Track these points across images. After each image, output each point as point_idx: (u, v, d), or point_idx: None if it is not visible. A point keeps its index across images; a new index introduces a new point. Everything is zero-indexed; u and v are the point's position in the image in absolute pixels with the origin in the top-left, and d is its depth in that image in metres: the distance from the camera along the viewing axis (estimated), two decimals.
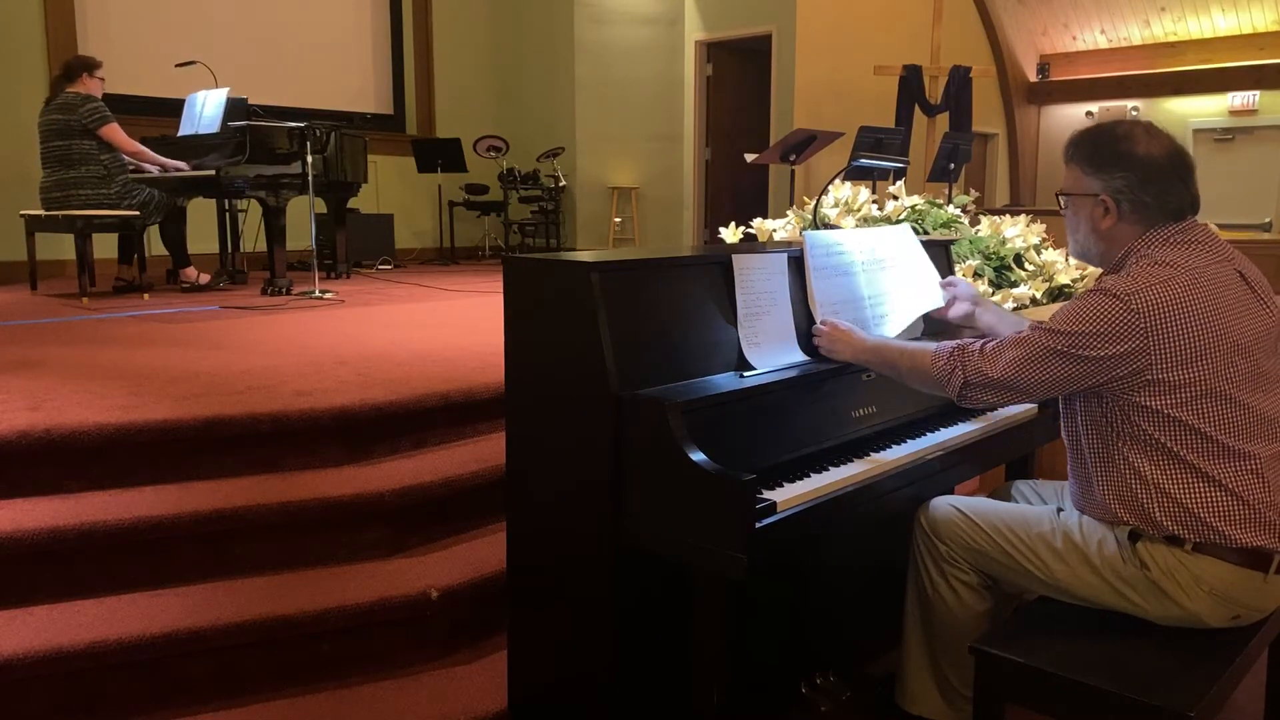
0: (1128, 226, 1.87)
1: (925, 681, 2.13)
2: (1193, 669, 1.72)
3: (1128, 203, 1.86)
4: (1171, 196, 1.85)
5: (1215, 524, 1.78)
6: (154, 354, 3.64)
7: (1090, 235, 1.93)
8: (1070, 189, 1.94)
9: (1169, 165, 1.85)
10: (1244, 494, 1.78)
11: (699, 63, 9.16)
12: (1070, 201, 1.95)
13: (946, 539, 2.05)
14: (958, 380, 1.90)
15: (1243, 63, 9.84)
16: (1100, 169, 1.87)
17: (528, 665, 2.10)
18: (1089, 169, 1.89)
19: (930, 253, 2.68)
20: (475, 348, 3.74)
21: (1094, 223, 1.91)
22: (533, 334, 1.94)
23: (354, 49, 9.01)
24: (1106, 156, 1.87)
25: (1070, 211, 1.96)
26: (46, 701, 2.09)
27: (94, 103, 5.47)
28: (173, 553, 2.37)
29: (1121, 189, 1.85)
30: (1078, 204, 1.93)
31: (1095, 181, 1.88)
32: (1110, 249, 1.92)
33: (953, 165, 6.44)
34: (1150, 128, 1.88)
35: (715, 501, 1.64)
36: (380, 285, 6.60)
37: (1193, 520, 1.79)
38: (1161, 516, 1.81)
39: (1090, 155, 1.89)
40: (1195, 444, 1.78)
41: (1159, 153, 1.85)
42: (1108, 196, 1.87)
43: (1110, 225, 1.89)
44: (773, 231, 4.83)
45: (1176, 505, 1.80)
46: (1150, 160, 1.84)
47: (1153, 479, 1.81)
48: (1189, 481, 1.79)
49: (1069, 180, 1.95)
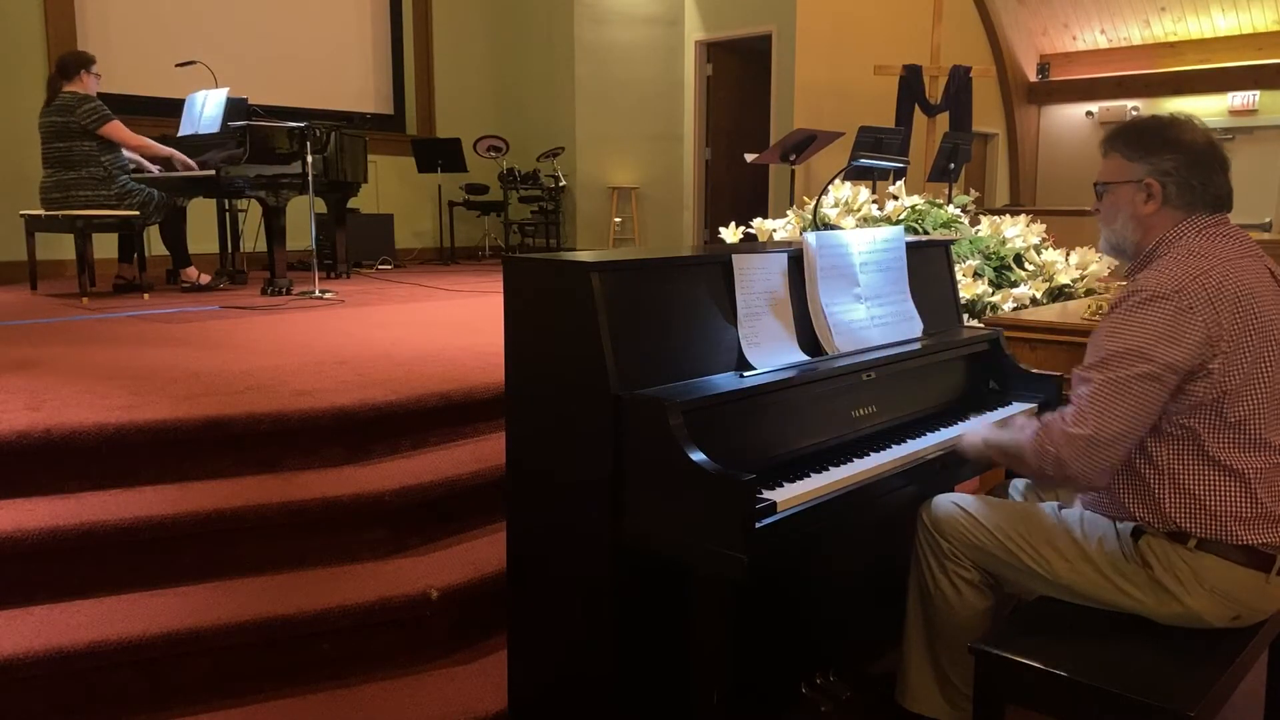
0: (1168, 212, 1.86)
1: (926, 679, 2.13)
2: (1193, 669, 1.72)
3: (1175, 185, 1.84)
4: (1215, 184, 1.85)
5: (1226, 520, 1.78)
6: (154, 354, 3.64)
7: (1129, 223, 1.90)
8: (1110, 178, 1.92)
9: (1212, 153, 1.86)
10: (1262, 488, 1.78)
11: (699, 63, 9.16)
12: (1108, 190, 1.93)
13: (949, 536, 2.05)
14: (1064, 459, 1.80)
15: (1242, 63, 9.84)
16: (1148, 152, 1.86)
17: (527, 665, 2.10)
18: (1133, 154, 1.87)
19: (930, 253, 2.68)
20: (475, 348, 3.74)
21: (1135, 208, 1.88)
22: (533, 334, 1.93)
23: (354, 49, 9.01)
24: (1154, 140, 1.86)
25: (1107, 202, 1.94)
26: (46, 701, 2.09)
27: (92, 103, 5.45)
28: (173, 553, 2.37)
29: (1170, 170, 1.84)
30: (1117, 192, 1.91)
31: (1140, 166, 1.86)
32: (1145, 238, 1.89)
33: (953, 165, 6.44)
34: (1190, 119, 1.88)
35: (715, 501, 1.64)
36: (380, 285, 6.60)
37: (1204, 515, 1.79)
38: (1171, 509, 1.81)
39: (1135, 141, 1.88)
40: (1224, 434, 1.78)
41: (1203, 141, 1.85)
42: (1154, 179, 1.85)
43: (1152, 210, 1.87)
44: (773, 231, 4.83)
45: (1189, 498, 1.80)
46: (1196, 145, 1.84)
47: (1170, 470, 1.81)
48: (1208, 474, 1.79)
49: (1108, 170, 1.93)
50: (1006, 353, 2.61)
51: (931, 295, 2.59)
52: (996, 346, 2.60)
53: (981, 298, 4.05)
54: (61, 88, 5.51)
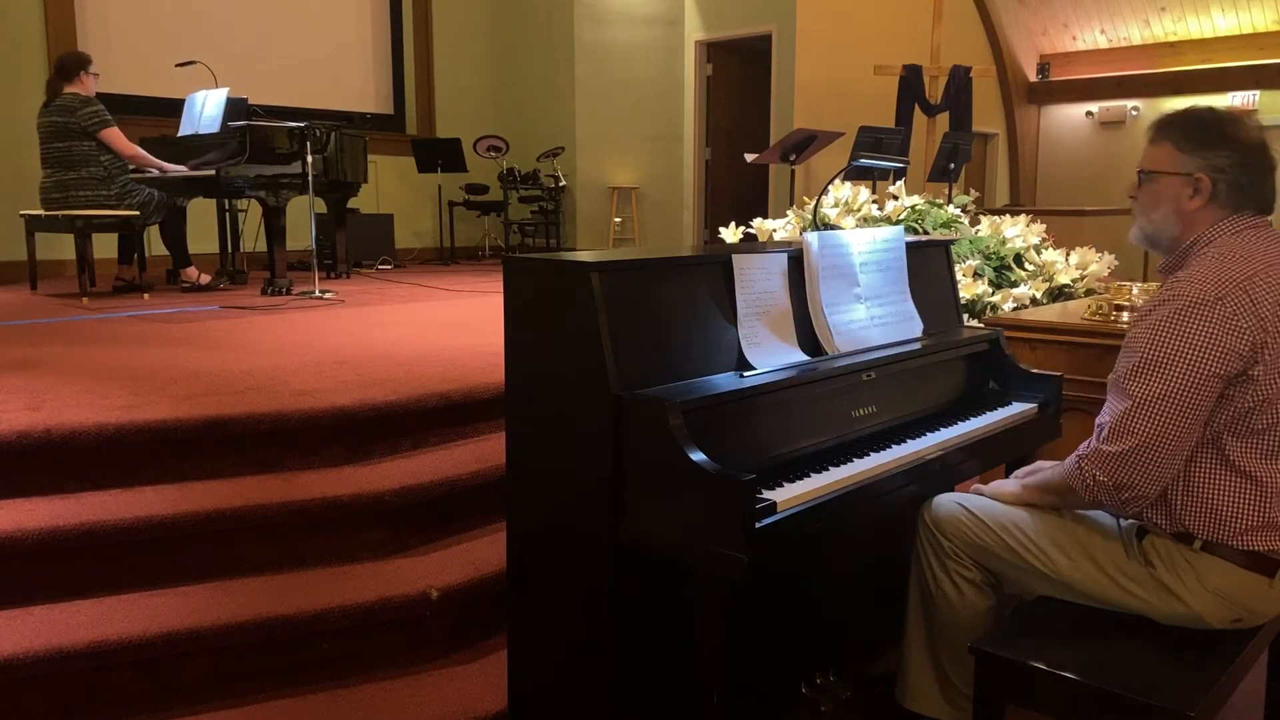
0: (1213, 210, 1.83)
1: (926, 679, 2.13)
2: (1193, 669, 1.72)
3: (1225, 184, 1.81)
4: (1264, 185, 1.83)
5: (1236, 526, 1.77)
6: (154, 354, 3.64)
7: (1171, 216, 1.86)
8: (1159, 166, 1.87)
9: (1265, 154, 1.83)
10: (1277, 497, 1.77)
11: (699, 63, 9.16)
12: (1154, 180, 1.88)
13: (950, 535, 2.05)
14: (1103, 484, 1.80)
15: (1243, 63, 9.83)
16: (1204, 146, 1.81)
17: (527, 665, 2.10)
18: (1188, 146, 1.83)
19: (930, 253, 2.68)
20: (475, 348, 3.74)
21: (1179, 202, 1.85)
22: (533, 334, 1.93)
23: (354, 49, 9.01)
24: (1211, 135, 1.81)
25: (1149, 190, 1.89)
26: (46, 701, 2.09)
27: (93, 106, 5.47)
28: (172, 553, 2.37)
29: (1224, 168, 1.80)
30: (1163, 183, 1.86)
31: (1194, 159, 1.82)
32: (1184, 233, 1.86)
33: (953, 165, 6.45)
34: (1247, 115, 1.85)
35: (715, 501, 1.64)
36: (380, 285, 6.60)
37: (1214, 520, 1.79)
38: (1182, 511, 1.81)
39: (1191, 133, 1.83)
40: (1249, 441, 1.77)
41: (1258, 140, 1.82)
42: (1205, 175, 1.81)
43: (1197, 206, 1.83)
44: (773, 231, 4.83)
45: (1202, 502, 1.79)
46: (1252, 145, 1.81)
47: (1186, 473, 1.80)
48: (1226, 480, 1.78)
49: (1158, 158, 1.87)
50: (1006, 353, 2.61)
51: (931, 295, 2.59)
52: (996, 346, 2.60)
53: (981, 298, 4.05)
54: (61, 89, 5.52)
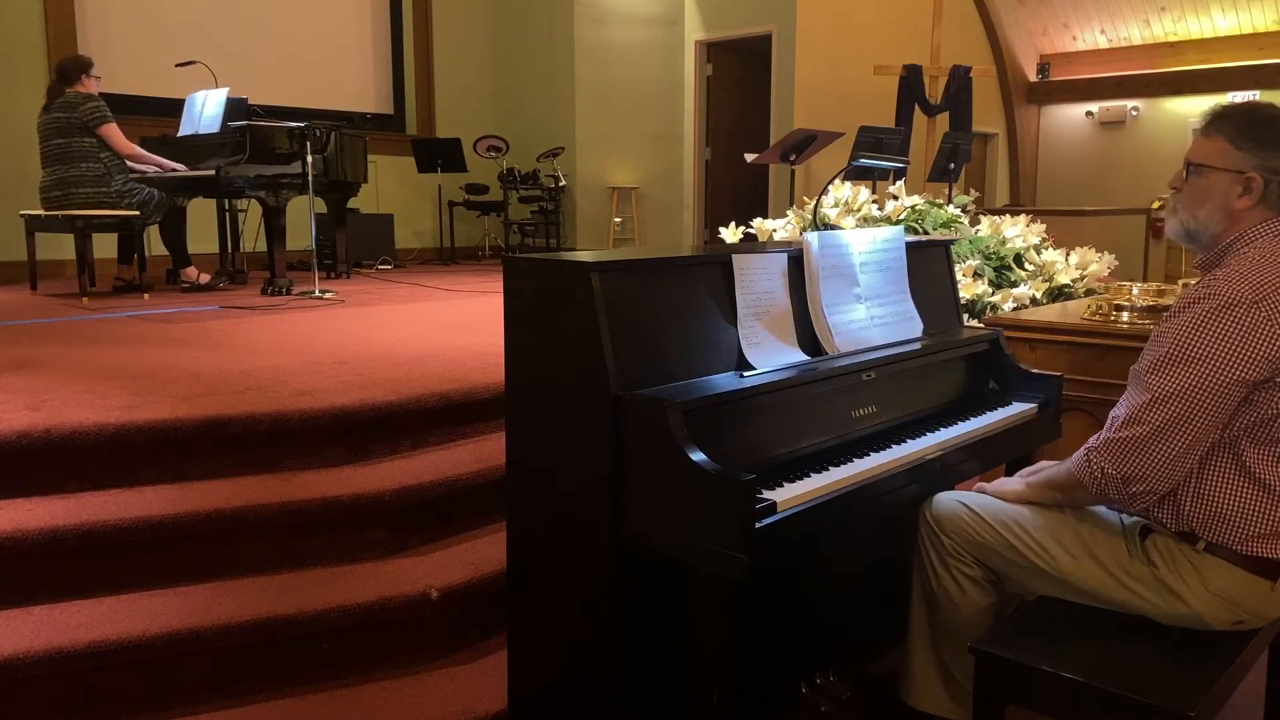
0: (1259, 211, 1.81)
1: (931, 677, 2.13)
2: (1193, 669, 1.72)
3: (1278, 186, 1.79)
4: None
5: (1243, 532, 1.77)
6: (154, 354, 3.64)
7: (1217, 212, 1.84)
8: (1210, 160, 1.84)
9: None
10: None
11: (699, 63, 9.16)
12: (1202, 174, 1.86)
13: (951, 533, 2.05)
14: (1112, 478, 1.80)
15: (1243, 63, 9.83)
16: (1261, 145, 1.79)
17: (527, 665, 2.10)
18: (1245, 143, 1.80)
19: (930, 253, 2.68)
20: (475, 348, 3.74)
21: (1227, 199, 1.82)
22: (533, 334, 1.93)
23: (354, 49, 9.01)
24: (1271, 135, 1.79)
25: (1197, 185, 1.87)
26: (46, 701, 2.09)
27: (95, 101, 5.50)
28: (172, 553, 2.37)
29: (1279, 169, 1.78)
30: (1212, 178, 1.84)
31: (1249, 158, 1.80)
32: (1226, 231, 1.84)
33: (953, 165, 6.45)
34: None
35: (715, 501, 1.64)
36: (380, 285, 6.60)
37: (1221, 524, 1.78)
38: (1190, 513, 1.80)
39: (1250, 131, 1.80)
40: (1266, 449, 1.75)
41: None
42: (1259, 175, 1.79)
43: (1246, 206, 1.81)
44: (773, 231, 4.83)
45: (1212, 506, 1.79)
46: None
47: (1197, 476, 1.79)
48: (1238, 486, 1.77)
49: (1211, 151, 1.84)
50: (1006, 353, 2.61)
51: (931, 295, 2.59)
52: (996, 346, 2.60)
53: (981, 298, 4.05)
54: (63, 92, 5.53)
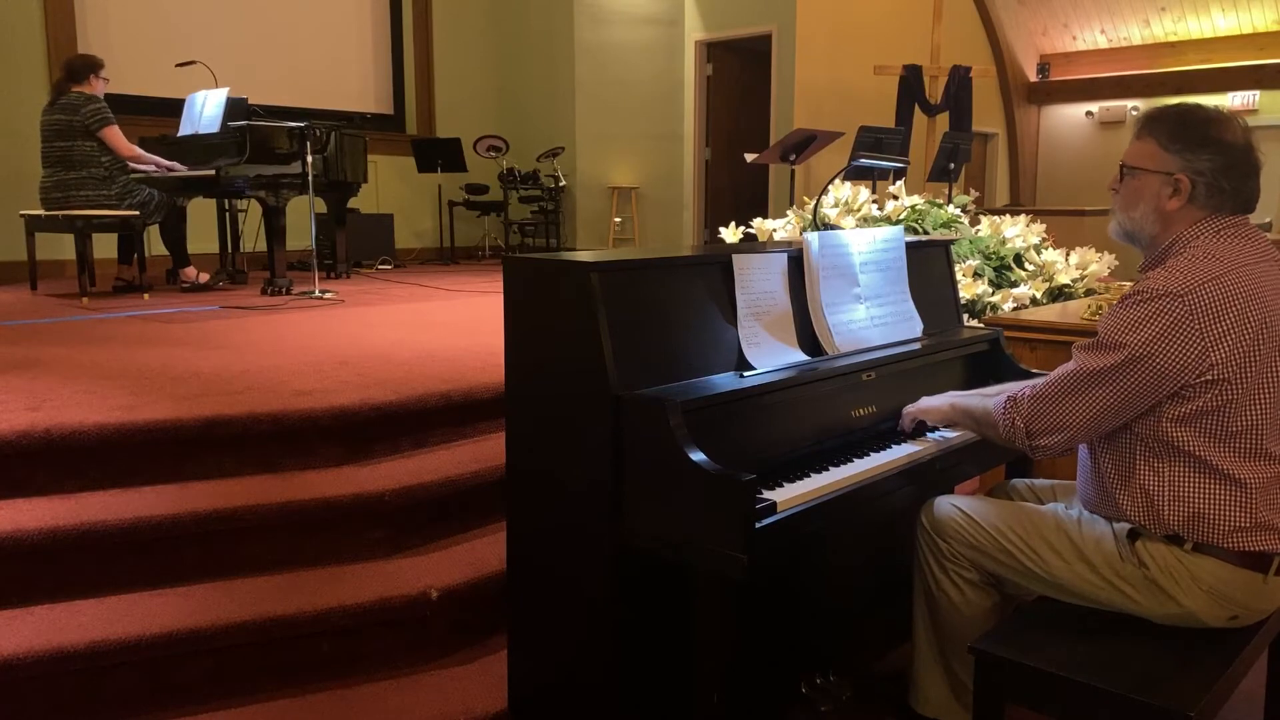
0: (1192, 211, 1.82)
1: (938, 682, 2.13)
2: (1192, 669, 1.72)
3: (1205, 186, 1.79)
4: (1245, 189, 1.81)
5: (1224, 530, 1.77)
6: (154, 354, 3.64)
7: (1150, 214, 1.85)
8: (1141, 163, 1.85)
9: (1249, 157, 1.81)
10: (1262, 499, 1.77)
11: (699, 63, 9.16)
12: (1134, 175, 1.87)
13: (948, 537, 2.05)
14: (1020, 429, 1.88)
15: (1243, 63, 9.84)
16: (1187, 147, 1.80)
17: (527, 665, 2.10)
18: (1172, 145, 1.81)
19: (930, 253, 2.68)
20: (475, 348, 3.74)
21: (1158, 201, 1.83)
22: (533, 334, 1.94)
23: (354, 49, 9.01)
24: (1195, 136, 1.79)
25: (1130, 186, 1.88)
26: (46, 701, 2.09)
27: (97, 103, 5.49)
28: (172, 553, 2.37)
29: (1204, 171, 1.79)
30: (1143, 180, 1.85)
31: (1176, 159, 1.81)
32: (1163, 233, 1.85)
33: (953, 165, 6.45)
34: (1234, 116, 1.83)
35: (715, 501, 1.64)
36: (380, 285, 6.60)
37: (1203, 524, 1.78)
38: (1170, 517, 1.81)
39: (1176, 132, 1.81)
40: (1227, 443, 1.76)
41: (1243, 143, 1.80)
42: (1185, 176, 1.80)
43: (1176, 207, 1.82)
44: (773, 231, 4.83)
45: (1189, 508, 1.79)
46: (1237, 148, 1.80)
47: (1171, 481, 1.80)
48: (1209, 486, 1.78)
49: (1141, 154, 1.85)
50: (1006, 353, 2.61)
51: (931, 295, 2.59)
52: (996, 346, 2.60)
53: (981, 298, 4.05)
54: (69, 90, 5.53)
